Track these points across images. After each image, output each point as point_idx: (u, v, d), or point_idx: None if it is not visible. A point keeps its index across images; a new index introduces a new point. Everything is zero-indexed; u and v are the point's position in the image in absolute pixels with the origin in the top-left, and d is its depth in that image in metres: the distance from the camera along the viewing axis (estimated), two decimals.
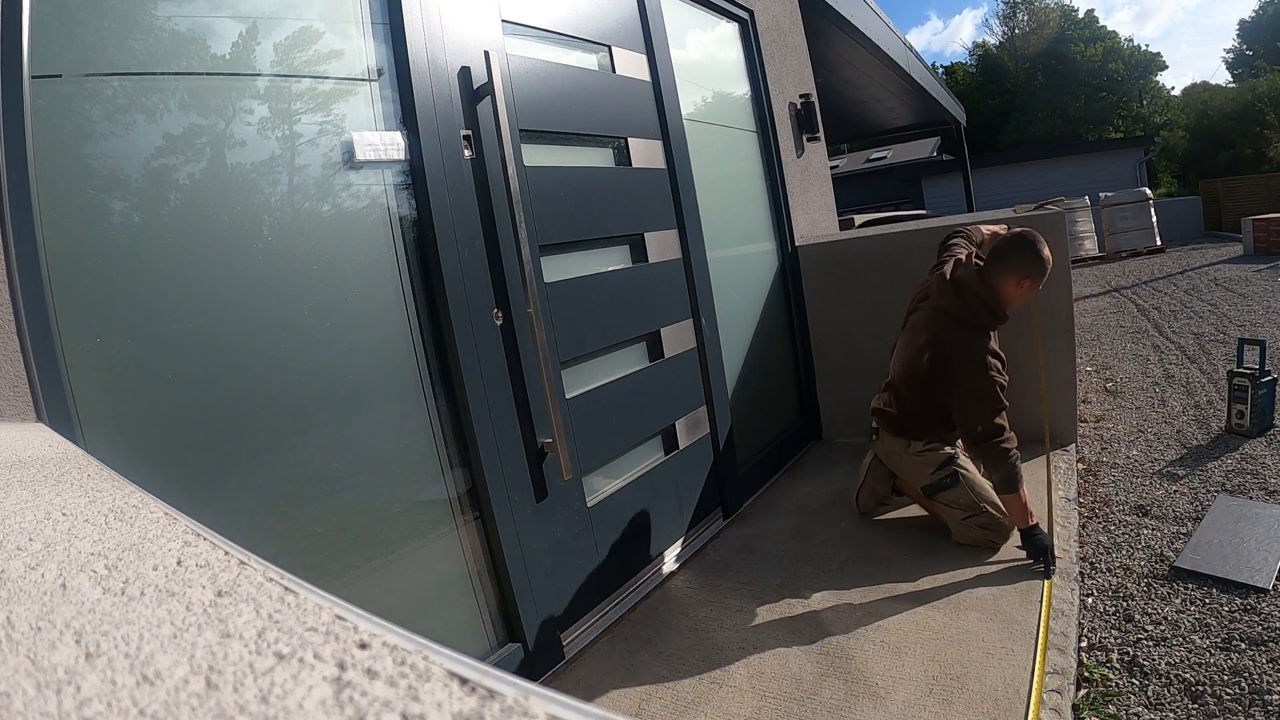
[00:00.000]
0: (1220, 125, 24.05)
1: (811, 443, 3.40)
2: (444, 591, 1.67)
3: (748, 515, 2.66)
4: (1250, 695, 1.47)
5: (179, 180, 1.26)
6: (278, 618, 0.25)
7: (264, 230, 1.37)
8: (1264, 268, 7.45)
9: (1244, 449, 2.79)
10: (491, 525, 1.71)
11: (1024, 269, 2.05)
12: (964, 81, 31.64)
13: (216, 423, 1.28)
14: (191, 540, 0.37)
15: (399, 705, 0.18)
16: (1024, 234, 2.10)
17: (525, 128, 1.91)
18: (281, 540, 1.37)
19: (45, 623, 0.26)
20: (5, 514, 0.44)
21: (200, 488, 1.25)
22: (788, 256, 3.35)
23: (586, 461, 2.02)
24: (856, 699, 1.54)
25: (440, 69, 1.69)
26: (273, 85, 1.41)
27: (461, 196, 1.71)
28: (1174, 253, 10.29)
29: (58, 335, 1.08)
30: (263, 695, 0.20)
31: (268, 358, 1.36)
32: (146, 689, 0.20)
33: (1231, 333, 4.73)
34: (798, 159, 3.60)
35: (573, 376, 2.01)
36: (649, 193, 2.41)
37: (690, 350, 2.51)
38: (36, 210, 1.06)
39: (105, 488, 0.52)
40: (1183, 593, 1.88)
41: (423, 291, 1.65)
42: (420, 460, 1.63)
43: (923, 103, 9.41)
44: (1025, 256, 2.05)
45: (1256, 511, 2.22)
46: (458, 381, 1.67)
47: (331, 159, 1.49)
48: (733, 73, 3.24)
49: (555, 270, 1.98)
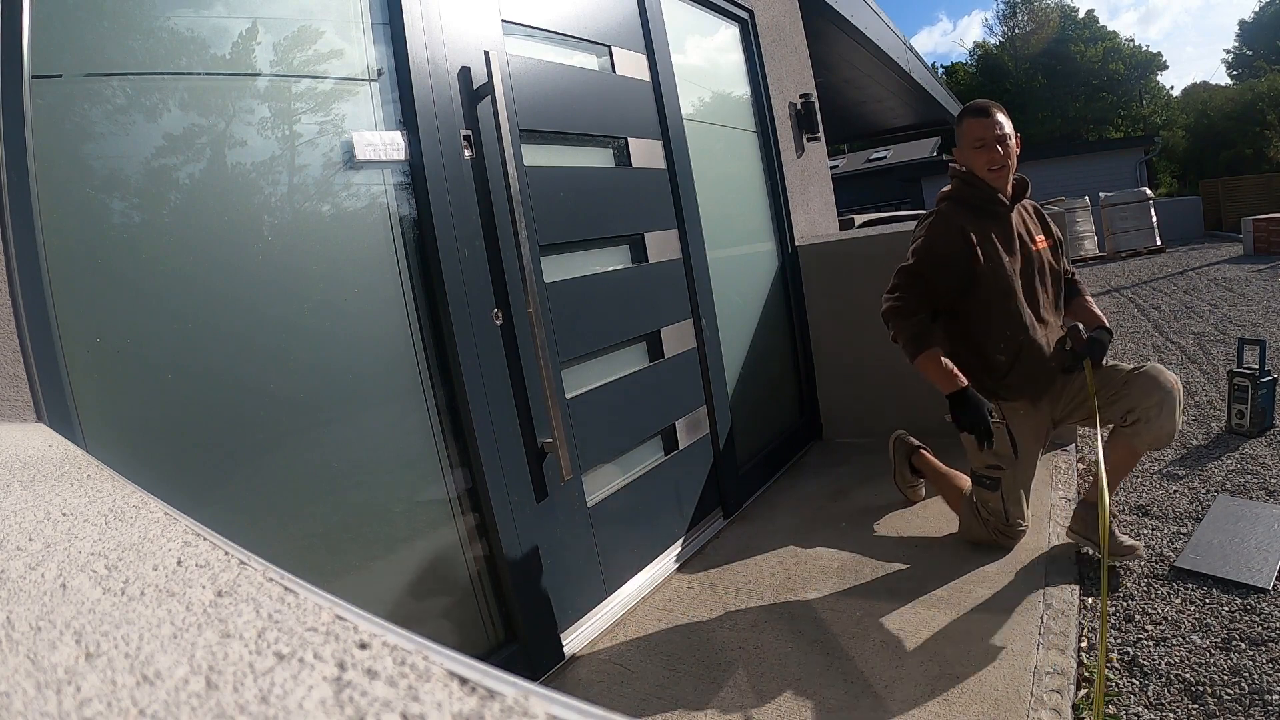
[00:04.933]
0: (1220, 125, 24.06)
1: (811, 442, 3.40)
2: (444, 591, 1.67)
3: (748, 515, 2.66)
4: (1250, 695, 1.47)
5: (179, 180, 1.26)
6: (278, 618, 0.25)
7: (264, 230, 1.37)
8: (1264, 268, 7.45)
9: (1244, 449, 2.79)
10: (491, 525, 1.71)
11: (964, 127, 2.00)
12: (964, 81, 31.67)
13: (216, 423, 1.28)
14: (191, 540, 0.37)
15: (399, 705, 0.18)
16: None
17: (525, 128, 1.91)
18: (281, 540, 1.37)
19: (45, 623, 0.26)
20: (5, 514, 0.44)
21: (200, 488, 1.25)
22: (788, 256, 3.35)
23: (586, 461, 2.02)
24: (856, 699, 1.54)
25: (440, 69, 1.69)
26: (273, 85, 1.41)
27: (461, 196, 1.71)
28: (1174, 253, 10.29)
29: (58, 335, 1.08)
30: (263, 695, 0.20)
31: (268, 358, 1.36)
32: (146, 689, 0.20)
33: (1231, 333, 4.73)
34: (798, 159, 3.60)
35: (573, 376, 2.01)
36: (649, 193, 2.41)
37: (690, 350, 2.51)
38: (36, 210, 1.06)
39: (105, 488, 0.52)
40: (1183, 593, 1.88)
41: (423, 291, 1.65)
42: (420, 460, 1.63)
43: (923, 103, 9.42)
44: (961, 120, 2.03)
45: (1256, 511, 2.22)
46: (458, 381, 1.67)
47: (331, 159, 1.49)
48: (733, 73, 3.24)
49: (555, 270, 1.98)
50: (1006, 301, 1.97)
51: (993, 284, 1.96)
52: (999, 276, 1.95)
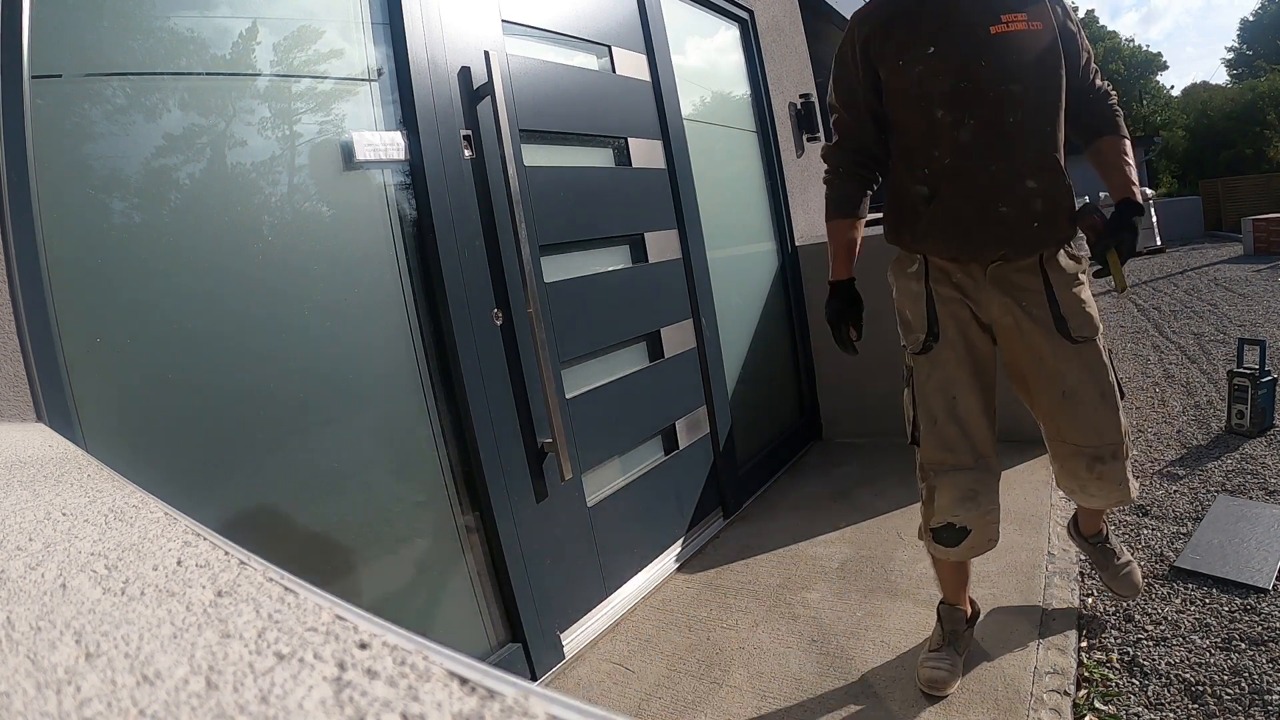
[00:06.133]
0: (1220, 125, 24.07)
1: (812, 442, 3.40)
2: (444, 591, 1.67)
3: (748, 515, 2.66)
4: (1250, 695, 1.46)
5: (179, 180, 1.26)
6: (278, 618, 0.25)
7: (264, 230, 1.37)
8: (1264, 268, 7.45)
9: (1244, 449, 2.79)
10: (491, 525, 1.71)
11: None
12: None
13: (216, 422, 1.28)
14: (191, 540, 0.37)
15: (399, 705, 0.18)
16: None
17: (525, 128, 1.91)
18: (282, 540, 1.37)
19: (45, 623, 0.26)
20: (5, 514, 0.44)
21: (200, 488, 1.25)
22: (788, 256, 3.35)
23: (586, 461, 2.02)
24: (856, 699, 1.54)
25: (440, 69, 1.69)
26: (272, 85, 1.41)
27: (461, 196, 1.71)
28: (1174, 253, 10.29)
29: (58, 335, 1.08)
30: (263, 695, 0.20)
31: (268, 357, 1.36)
32: (146, 689, 0.20)
33: (1231, 333, 4.73)
34: (798, 159, 3.60)
35: (573, 376, 2.01)
36: (649, 193, 2.41)
37: (690, 350, 2.51)
38: (36, 210, 1.06)
39: (105, 488, 0.52)
40: (1183, 593, 1.88)
41: (423, 291, 1.65)
42: (420, 460, 1.63)
43: None
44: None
45: (1256, 511, 2.22)
46: (458, 381, 1.67)
47: (331, 159, 1.49)
48: (733, 73, 3.24)
49: (555, 270, 1.98)
50: (917, 115, 1.41)
51: (899, 94, 1.43)
52: (902, 78, 1.41)
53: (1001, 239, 1.40)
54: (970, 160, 1.38)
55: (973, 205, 1.39)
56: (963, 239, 1.42)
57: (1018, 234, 1.39)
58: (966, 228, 1.41)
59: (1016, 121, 1.36)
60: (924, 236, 1.47)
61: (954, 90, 1.36)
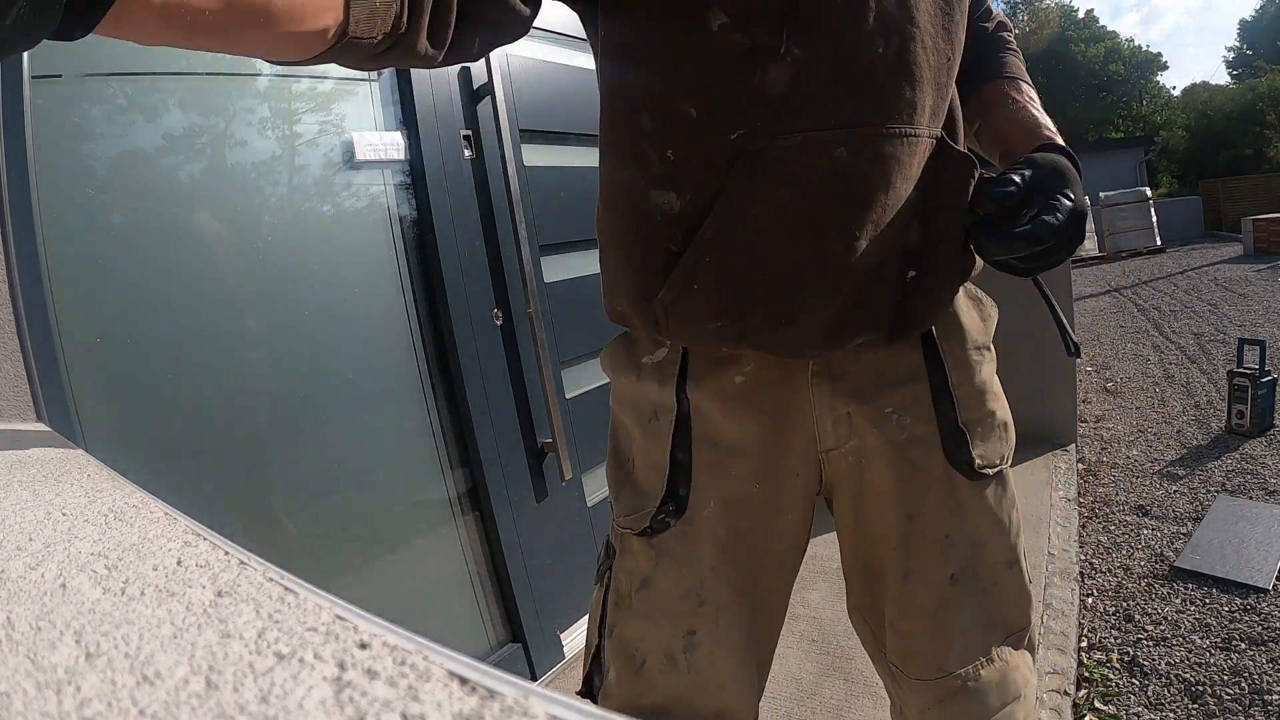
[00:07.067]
0: (1220, 125, 24.08)
1: None
2: (444, 591, 1.67)
3: None
4: (1250, 695, 1.47)
5: (179, 180, 1.26)
6: (278, 618, 0.25)
7: (264, 230, 1.37)
8: (1264, 268, 7.45)
9: (1244, 449, 2.79)
10: (491, 525, 1.71)
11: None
12: None
13: (216, 422, 1.28)
14: (191, 540, 0.37)
15: (399, 705, 0.18)
16: None
17: (525, 128, 1.91)
18: (281, 540, 1.37)
19: (45, 623, 0.26)
20: (5, 514, 0.44)
21: (200, 488, 1.25)
22: None
23: (586, 461, 2.02)
24: (856, 699, 1.54)
25: (440, 68, 1.69)
26: (273, 85, 1.41)
27: (461, 196, 1.71)
28: (1174, 253, 10.29)
29: (58, 335, 1.08)
30: (263, 695, 0.20)
31: (268, 357, 1.36)
32: (146, 689, 0.20)
33: (1231, 333, 4.73)
34: None
35: (573, 376, 2.01)
36: None
37: None
38: (36, 210, 1.06)
39: (105, 488, 0.52)
40: (1183, 593, 1.88)
41: (423, 291, 1.65)
42: (420, 460, 1.63)
43: None
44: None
45: (1256, 511, 2.22)
46: (458, 381, 1.67)
47: (331, 159, 1.49)
48: None
49: (555, 270, 1.98)
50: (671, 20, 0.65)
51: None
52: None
53: (859, 308, 0.66)
54: (795, 131, 0.62)
55: (796, 236, 0.63)
56: (779, 310, 0.65)
57: (884, 293, 0.67)
58: (785, 285, 0.65)
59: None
60: (688, 309, 0.67)
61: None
